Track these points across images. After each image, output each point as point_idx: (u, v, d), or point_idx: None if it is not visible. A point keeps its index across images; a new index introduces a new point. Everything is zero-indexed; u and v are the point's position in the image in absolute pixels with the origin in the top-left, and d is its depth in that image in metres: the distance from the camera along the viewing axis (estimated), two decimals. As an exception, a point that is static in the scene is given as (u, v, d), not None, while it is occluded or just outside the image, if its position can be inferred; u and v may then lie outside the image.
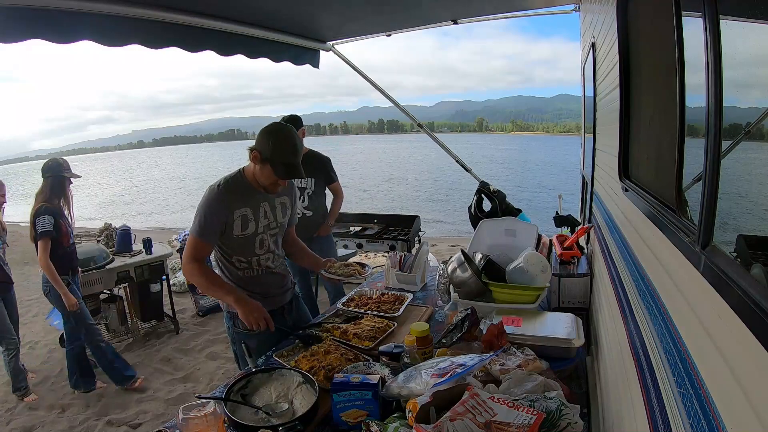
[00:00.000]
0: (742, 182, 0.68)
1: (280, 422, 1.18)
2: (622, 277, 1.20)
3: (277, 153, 1.62)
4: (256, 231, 1.73)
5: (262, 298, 1.76)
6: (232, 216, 1.66)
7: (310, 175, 3.10)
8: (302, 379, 1.33)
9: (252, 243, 1.73)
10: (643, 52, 1.26)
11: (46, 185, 2.80)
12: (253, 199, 1.71)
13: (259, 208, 1.73)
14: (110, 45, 2.20)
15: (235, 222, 1.67)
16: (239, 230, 1.68)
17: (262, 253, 1.77)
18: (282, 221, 1.83)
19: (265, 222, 1.75)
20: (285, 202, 1.85)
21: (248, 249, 1.73)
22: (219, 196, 1.65)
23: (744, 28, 0.59)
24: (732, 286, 0.47)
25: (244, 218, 1.69)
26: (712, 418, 0.49)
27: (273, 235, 1.80)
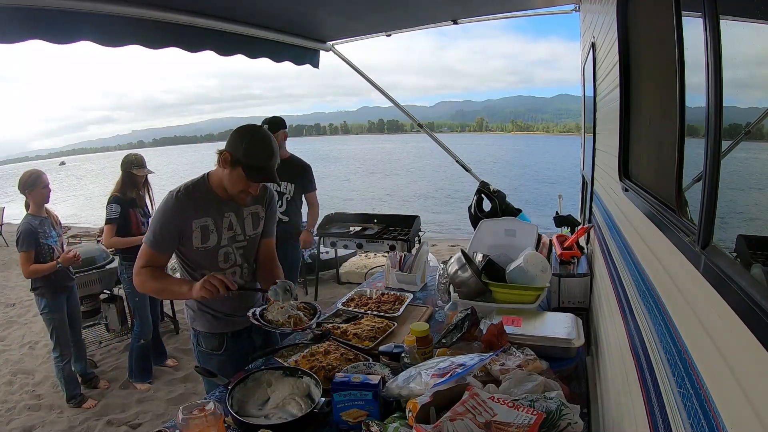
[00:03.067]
0: (742, 182, 0.68)
1: (279, 422, 1.18)
2: (622, 277, 1.20)
3: (251, 155, 1.47)
4: (219, 243, 1.58)
5: (226, 317, 1.66)
6: (190, 226, 1.52)
7: (290, 180, 3.07)
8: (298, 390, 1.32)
9: (214, 256, 1.58)
10: (643, 52, 1.26)
11: (120, 178, 3.03)
12: (216, 208, 1.56)
13: (223, 219, 1.57)
14: (109, 45, 2.20)
15: (194, 233, 1.52)
16: (199, 242, 1.54)
17: (228, 267, 1.62)
18: (252, 234, 1.66)
19: (230, 234, 1.60)
20: (257, 212, 1.68)
21: (211, 263, 1.58)
22: (177, 204, 1.51)
23: (744, 28, 0.59)
24: (732, 286, 0.47)
25: (205, 229, 1.54)
26: (712, 417, 0.49)
27: (241, 248, 1.64)
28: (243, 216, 1.63)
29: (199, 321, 1.68)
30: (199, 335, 1.69)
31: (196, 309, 1.67)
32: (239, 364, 1.60)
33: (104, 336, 3.66)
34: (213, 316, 1.66)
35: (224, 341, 1.68)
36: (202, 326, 1.68)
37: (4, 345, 3.96)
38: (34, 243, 2.64)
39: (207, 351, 1.69)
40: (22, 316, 4.71)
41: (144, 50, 2.42)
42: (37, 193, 2.72)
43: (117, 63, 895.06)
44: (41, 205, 2.76)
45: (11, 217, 9.79)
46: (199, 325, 1.68)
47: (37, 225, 2.69)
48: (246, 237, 1.65)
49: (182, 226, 1.51)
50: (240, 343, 1.70)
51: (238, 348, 1.70)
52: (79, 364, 3.05)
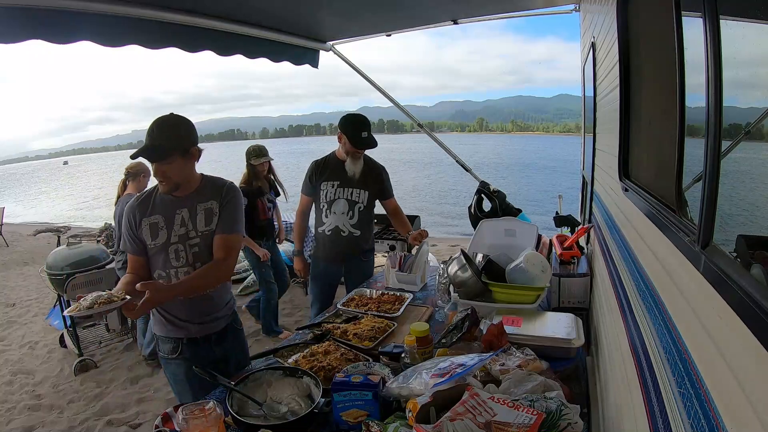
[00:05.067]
0: (742, 182, 0.68)
1: (279, 422, 1.18)
2: (622, 277, 1.20)
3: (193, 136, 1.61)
4: (169, 240, 1.57)
5: (181, 323, 1.63)
6: (140, 224, 1.58)
7: (364, 187, 2.56)
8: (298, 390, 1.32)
9: (165, 254, 1.58)
10: (643, 52, 1.26)
11: (245, 170, 3.38)
12: (168, 205, 1.59)
13: (175, 216, 1.59)
14: (109, 45, 2.20)
15: (143, 230, 1.58)
16: (150, 239, 1.58)
17: (179, 266, 1.59)
18: (204, 230, 1.60)
19: (182, 231, 1.58)
20: (211, 207, 1.62)
21: (164, 261, 1.59)
22: (129, 207, 1.61)
23: (744, 28, 0.59)
24: (732, 286, 0.47)
25: (154, 226, 1.58)
26: (712, 417, 0.49)
27: (193, 245, 1.59)
28: (196, 212, 1.61)
29: (156, 325, 1.68)
30: (157, 339, 1.70)
31: (153, 312, 1.65)
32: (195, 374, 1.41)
33: (104, 336, 3.66)
34: (166, 320, 1.64)
35: (179, 346, 1.64)
36: (158, 330, 1.68)
37: (4, 345, 3.97)
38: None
39: (163, 355, 1.68)
40: (22, 316, 4.72)
41: (143, 50, 2.42)
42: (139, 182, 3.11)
43: (115, 63, 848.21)
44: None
45: (11, 217, 9.79)
46: (156, 328, 1.68)
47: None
48: (199, 234, 1.60)
49: (135, 224, 1.58)
50: (197, 352, 1.64)
51: (194, 355, 1.63)
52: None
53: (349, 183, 2.54)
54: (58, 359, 3.57)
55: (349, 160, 2.50)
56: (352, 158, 2.49)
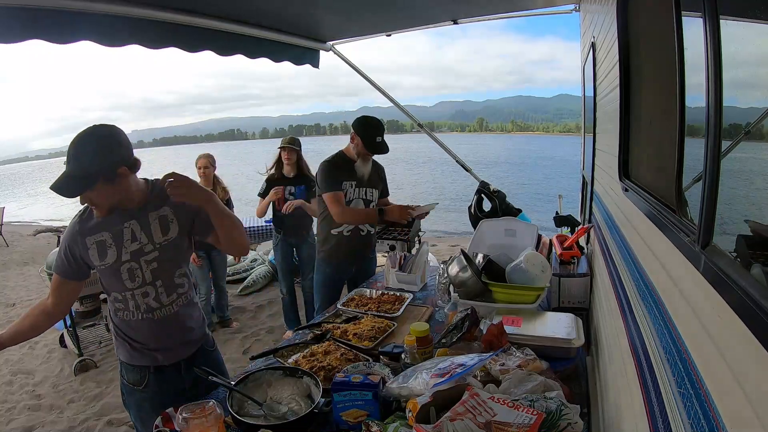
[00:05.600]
0: (742, 182, 0.68)
1: (279, 422, 1.19)
2: (622, 277, 1.20)
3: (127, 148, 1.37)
4: (120, 259, 1.38)
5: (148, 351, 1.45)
6: (84, 244, 1.38)
7: (375, 186, 2.62)
8: (298, 390, 1.32)
9: (117, 274, 1.39)
10: (643, 52, 1.26)
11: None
12: (112, 221, 1.39)
13: (123, 230, 1.39)
14: (110, 45, 2.20)
15: (90, 250, 1.37)
16: (98, 260, 1.38)
17: (136, 287, 1.40)
18: (162, 241, 1.42)
19: (135, 246, 1.39)
20: (165, 215, 1.44)
21: (117, 282, 1.40)
22: (71, 224, 1.41)
23: (744, 28, 0.59)
24: (732, 286, 0.47)
25: (101, 245, 1.37)
26: (712, 418, 0.49)
27: (150, 261, 1.40)
28: (149, 222, 1.42)
29: (120, 349, 1.49)
30: (121, 366, 1.51)
31: (116, 336, 1.49)
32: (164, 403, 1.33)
33: (104, 336, 3.66)
34: (131, 346, 1.46)
35: (146, 376, 1.47)
36: (123, 356, 1.49)
37: (4, 345, 3.96)
38: None
39: (128, 384, 1.49)
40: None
41: (143, 50, 2.42)
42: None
43: (114, 63, 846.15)
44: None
45: (11, 217, 9.79)
46: (120, 353, 1.49)
47: None
48: (156, 245, 1.41)
49: (76, 245, 1.38)
50: (165, 381, 1.48)
51: (162, 386, 1.48)
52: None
53: (364, 183, 2.57)
54: (58, 359, 3.57)
55: (359, 161, 2.50)
56: (363, 160, 2.50)
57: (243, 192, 10.62)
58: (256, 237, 5.63)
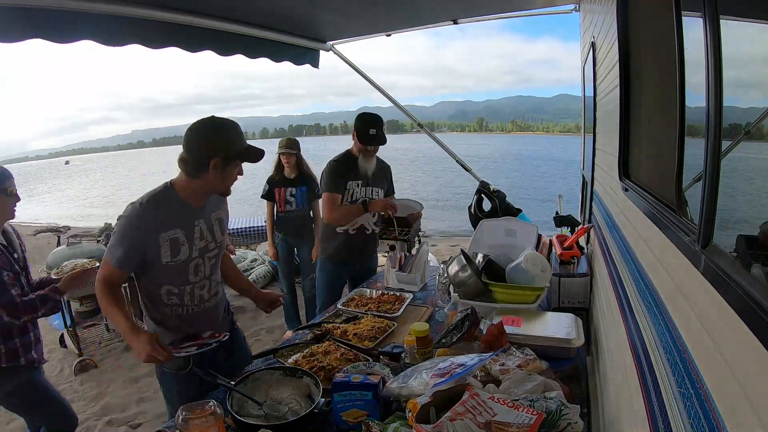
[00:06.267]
0: (742, 182, 0.68)
1: (279, 422, 1.19)
2: (622, 277, 1.20)
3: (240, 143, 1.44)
4: (191, 256, 1.46)
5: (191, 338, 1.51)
6: (158, 241, 1.39)
7: (381, 186, 2.67)
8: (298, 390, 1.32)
9: (185, 270, 1.46)
10: (643, 52, 1.26)
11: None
12: (186, 218, 1.45)
13: (194, 229, 1.46)
14: (110, 45, 2.20)
15: (163, 247, 1.40)
16: (169, 257, 1.41)
17: (197, 281, 1.51)
18: (221, 239, 1.58)
19: (202, 244, 1.49)
20: (221, 217, 1.59)
21: (181, 277, 1.47)
22: (142, 217, 1.38)
23: (744, 28, 0.59)
24: (732, 285, 0.47)
25: (175, 242, 1.42)
26: (713, 417, 0.49)
27: (212, 257, 1.54)
28: (212, 222, 1.53)
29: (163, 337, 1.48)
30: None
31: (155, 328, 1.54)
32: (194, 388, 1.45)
33: (104, 336, 3.66)
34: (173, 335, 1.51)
35: (189, 361, 1.46)
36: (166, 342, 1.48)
37: (4, 345, 3.96)
38: None
39: (170, 372, 1.53)
40: (22, 316, 4.71)
41: (143, 50, 2.42)
42: None
43: (117, 63, 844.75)
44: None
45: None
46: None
47: None
48: (217, 244, 1.55)
49: (147, 240, 1.38)
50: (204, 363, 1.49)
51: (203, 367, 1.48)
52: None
53: (370, 182, 2.58)
54: (58, 359, 3.57)
55: (361, 157, 2.51)
56: (364, 156, 2.50)
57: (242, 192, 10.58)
58: (256, 237, 5.62)
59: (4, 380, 1.81)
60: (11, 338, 1.79)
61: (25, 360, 1.82)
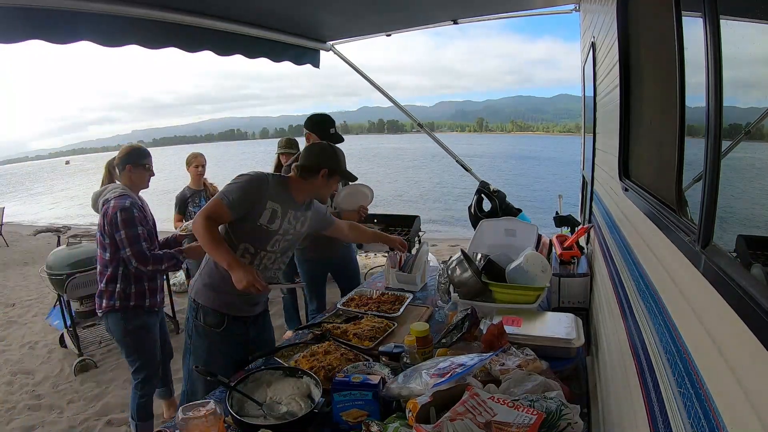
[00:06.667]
0: (742, 182, 0.68)
1: (279, 422, 1.18)
2: (622, 277, 1.20)
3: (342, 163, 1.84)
4: (278, 230, 1.75)
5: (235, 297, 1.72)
6: (264, 204, 1.69)
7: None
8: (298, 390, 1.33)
9: (268, 239, 1.74)
10: (643, 52, 1.26)
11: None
12: (287, 202, 1.76)
13: (289, 212, 1.77)
14: (109, 45, 2.20)
15: (264, 212, 1.69)
16: (266, 221, 1.70)
17: (272, 251, 1.78)
18: (300, 231, 1.86)
19: (288, 226, 1.77)
20: (308, 216, 1.88)
21: (263, 242, 1.74)
22: (263, 182, 1.70)
23: (744, 28, 0.59)
24: (732, 285, 0.47)
25: (274, 213, 1.72)
26: (713, 417, 0.49)
27: (287, 240, 1.81)
28: (299, 217, 1.82)
29: (203, 295, 1.76)
30: (199, 309, 1.76)
31: (203, 285, 1.77)
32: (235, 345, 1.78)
33: (104, 336, 3.66)
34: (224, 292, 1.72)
35: (224, 320, 1.76)
36: (205, 300, 1.76)
37: (4, 345, 3.96)
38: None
39: (205, 326, 1.76)
40: (22, 316, 4.71)
41: (143, 50, 2.43)
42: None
43: (117, 63, 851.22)
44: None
45: (11, 217, 9.78)
46: (202, 298, 1.76)
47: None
48: (296, 234, 1.84)
49: (259, 200, 1.68)
50: (237, 329, 1.79)
51: (234, 332, 1.78)
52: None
53: None
54: (58, 359, 3.57)
55: None
56: None
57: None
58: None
59: (129, 318, 2.11)
60: (141, 282, 2.12)
61: (149, 302, 2.16)
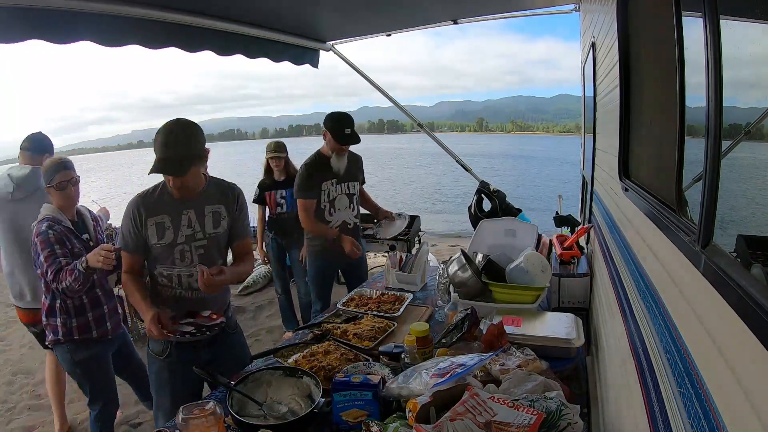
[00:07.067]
0: (742, 182, 0.68)
1: (279, 422, 1.18)
2: (622, 277, 1.20)
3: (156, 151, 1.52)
4: (175, 240, 1.60)
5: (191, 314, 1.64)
6: (145, 224, 1.57)
7: (355, 179, 2.73)
8: (298, 390, 1.33)
9: (170, 253, 1.60)
10: (643, 52, 1.26)
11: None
12: (174, 206, 1.60)
13: (181, 216, 1.60)
14: (109, 45, 2.20)
15: (149, 230, 1.58)
16: (155, 239, 1.58)
17: (184, 266, 1.62)
18: (212, 233, 1.66)
19: (189, 231, 1.61)
20: (218, 211, 1.67)
21: (169, 260, 1.61)
22: (133, 204, 1.59)
23: (744, 28, 0.59)
24: (732, 285, 0.47)
25: (160, 226, 1.58)
26: (713, 417, 0.49)
27: (198, 247, 1.63)
28: (204, 214, 1.64)
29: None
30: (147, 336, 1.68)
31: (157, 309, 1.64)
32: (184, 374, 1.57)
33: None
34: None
35: (168, 348, 1.65)
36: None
37: (4, 345, 3.96)
38: None
39: (152, 354, 1.69)
40: (22, 316, 4.71)
41: (143, 50, 2.43)
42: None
43: (117, 63, 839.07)
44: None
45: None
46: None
47: None
48: (206, 235, 1.64)
49: (139, 223, 1.58)
50: (185, 353, 1.64)
51: (183, 358, 1.63)
52: None
53: (343, 178, 2.63)
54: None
55: (334, 156, 2.57)
56: (338, 155, 2.57)
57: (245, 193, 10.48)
58: (255, 238, 5.62)
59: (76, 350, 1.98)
60: (83, 313, 1.96)
61: (98, 332, 2.01)
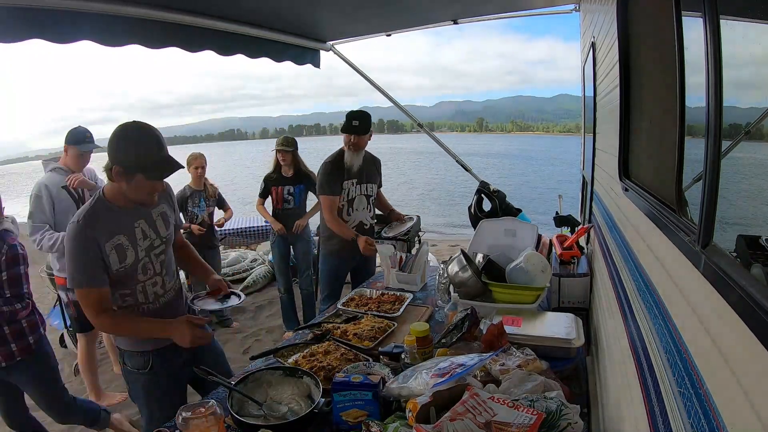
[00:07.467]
0: (742, 182, 0.68)
1: (279, 422, 1.19)
2: (622, 277, 1.20)
3: (141, 157, 1.38)
4: (137, 258, 1.47)
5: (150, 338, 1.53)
6: (104, 251, 1.39)
7: (375, 181, 2.78)
8: (298, 390, 1.33)
9: (134, 272, 1.47)
10: (643, 52, 1.26)
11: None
12: (124, 221, 1.45)
13: (135, 230, 1.47)
14: (110, 45, 2.20)
15: (110, 256, 1.41)
16: (117, 264, 1.42)
17: (147, 279, 1.51)
18: (166, 234, 1.57)
19: (147, 243, 1.49)
20: (165, 211, 1.58)
21: (130, 279, 1.47)
22: (82, 232, 1.37)
23: (744, 28, 0.59)
24: (732, 285, 0.47)
25: (120, 248, 1.42)
26: (713, 417, 0.49)
27: (159, 254, 1.54)
28: (154, 219, 1.53)
29: (121, 339, 1.57)
30: (124, 354, 1.58)
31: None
32: (169, 382, 1.56)
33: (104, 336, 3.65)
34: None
35: (149, 359, 1.55)
36: (123, 344, 1.57)
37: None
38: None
39: (133, 370, 1.57)
40: (22, 316, 4.71)
41: (143, 50, 2.43)
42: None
43: (117, 63, 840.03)
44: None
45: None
46: (120, 343, 1.58)
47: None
48: (162, 239, 1.55)
49: (97, 251, 1.39)
50: (166, 361, 1.56)
51: (165, 366, 1.57)
52: None
53: (364, 179, 2.68)
54: (58, 359, 3.55)
55: (347, 152, 2.60)
56: (352, 151, 2.60)
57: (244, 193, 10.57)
58: (255, 237, 5.61)
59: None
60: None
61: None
